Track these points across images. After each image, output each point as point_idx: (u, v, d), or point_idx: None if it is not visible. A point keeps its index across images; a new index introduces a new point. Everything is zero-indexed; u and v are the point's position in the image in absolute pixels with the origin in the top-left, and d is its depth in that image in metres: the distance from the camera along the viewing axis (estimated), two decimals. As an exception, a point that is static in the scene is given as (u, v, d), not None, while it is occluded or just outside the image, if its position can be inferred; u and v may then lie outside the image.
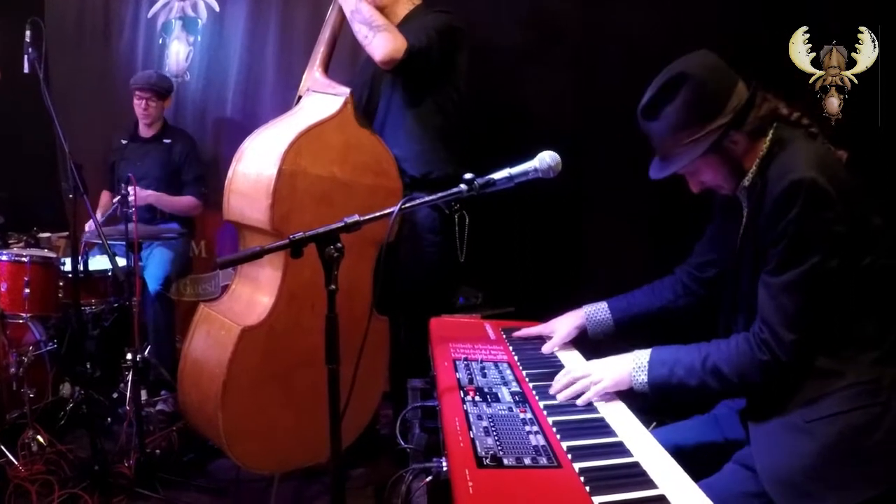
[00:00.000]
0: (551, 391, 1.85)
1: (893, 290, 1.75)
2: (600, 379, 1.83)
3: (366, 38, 2.83)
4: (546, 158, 1.84)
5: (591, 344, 2.24)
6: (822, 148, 1.78)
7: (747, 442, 1.81)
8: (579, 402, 1.80)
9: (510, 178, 1.83)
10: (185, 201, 4.32)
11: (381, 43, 2.80)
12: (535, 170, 1.83)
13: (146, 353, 3.78)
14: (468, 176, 1.81)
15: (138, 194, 3.81)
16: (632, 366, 1.85)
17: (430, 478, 1.54)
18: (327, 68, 3.11)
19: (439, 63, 2.97)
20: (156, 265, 4.08)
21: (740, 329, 1.84)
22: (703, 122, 1.78)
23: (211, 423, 2.71)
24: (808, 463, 1.65)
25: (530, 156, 1.85)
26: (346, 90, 2.92)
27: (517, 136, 3.52)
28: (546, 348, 2.23)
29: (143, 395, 3.47)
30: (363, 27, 2.84)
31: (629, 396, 1.85)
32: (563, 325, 2.27)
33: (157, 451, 3.35)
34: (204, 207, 4.39)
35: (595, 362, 1.92)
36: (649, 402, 1.84)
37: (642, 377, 1.83)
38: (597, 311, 2.25)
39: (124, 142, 4.37)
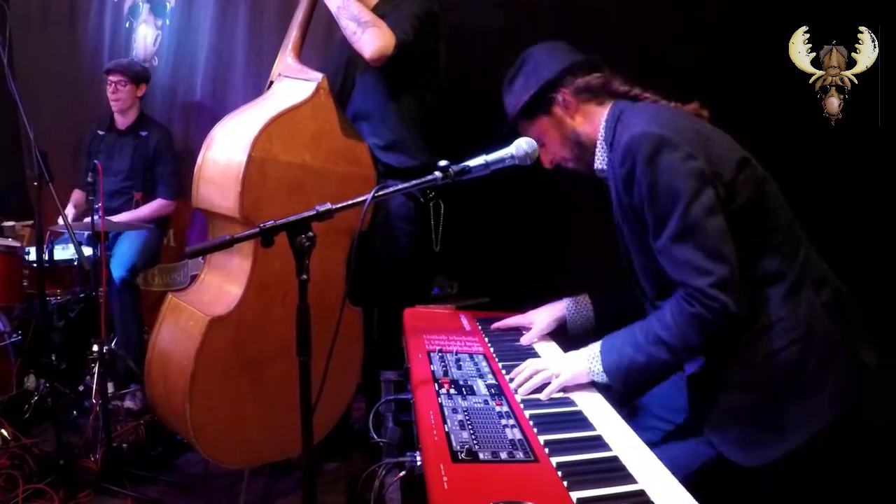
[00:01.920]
0: (512, 385, 1.82)
1: (782, 223, 1.76)
2: (559, 372, 1.82)
3: (354, 34, 2.78)
4: (522, 145, 1.83)
5: (571, 338, 2.21)
6: (660, 107, 1.82)
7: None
8: (542, 395, 1.78)
9: (486, 165, 1.81)
10: (155, 207, 4.27)
11: (370, 40, 2.75)
12: (512, 157, 1.82)
13: (113, 344, 3.73)
14: (443, 163, 1.79)
15: (111, 222, 3.74)
16: (586, 358, 1.85)
17: (403, 472, 1.52)
18: (300, 53, 3.06)
19: (422, 52, 2.93)
20: (123, 252, 4.02)
21: (660, 303, 1.84)
22: (532, 87, 1.91)
23: (179, 417, 2.68)
24: (749, 415, 1.69)
25: (507, 143, 1.83)
26: (319, 75, 2.88)
27: (493, 123, 3.47)
28: (525, 339, 2.20)
29: (110, 387, 3.44)
30: (351, 23, 2.79)
31: (607, 389, 1.83)
32: (543, 317, 2.25)
33: (125, 445, 3.29)
34: (174, 196, 4.33)
35: (554, 357, 1.94)
36: (617, 394, 1.82)
37: (598, 367, 1.83)
38: (578, 304, 2.23)
39: (101, 133, 4.33)
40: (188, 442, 2.78)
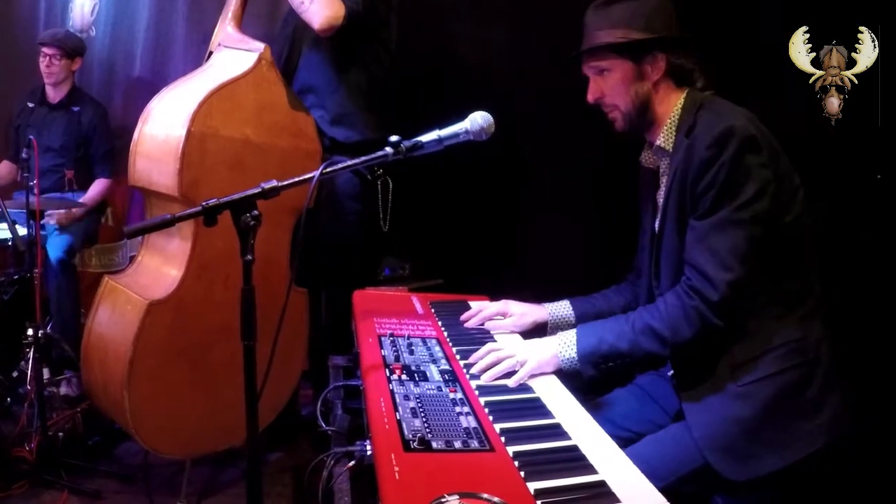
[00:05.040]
0: (474, 369, 1.78)
1: (811, 249, 1.81)
2: (525, 359, 1.79)
3: (301, 3, 2.73)
4: (478, 119, 1.77)
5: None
6: (742, 109, 1.83)
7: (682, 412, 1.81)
8: (510, 383, 1.75)
9: (439, 140, 1.76)
10: (100, 189, 4.16)
11: (319, 9, 2.70)
12: (466, 132, 1.77)
13: (49, 328, 3.65)
14: (394, 138, 1.73)
15: (52, 217, 3.71)
16: (557, 344, 1.83)
17: (352, 462, 1.49)
18: (240, 22, 2.99)
19: (372, 23, 2.88)
20: (60, 233, 3.88)
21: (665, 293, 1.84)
22: (638, 28, 1.82)
23: (116, 404, 2.62)
24: (746, 427, 1.69)
25: (461, 117, 1.77)
26: (261, 45, 2.81)
27: (447, 96, 3.43)
28: (496, 325, 2.13)
29: (46, 373, 3.32)
30: None
31: (567, 376, 1.80)
32: (524, 316, 2.16)
33: (61, 434, 3.20)
34: (113, 175, 4.21)
35: (519, 344, 1.90)
36: (582, 381, 1.80)
37: (570, 353, 1.80)
38: (559, 308, 2.19)
39: (31, 105, 4.19)
40: (126, 431, 2.72)
